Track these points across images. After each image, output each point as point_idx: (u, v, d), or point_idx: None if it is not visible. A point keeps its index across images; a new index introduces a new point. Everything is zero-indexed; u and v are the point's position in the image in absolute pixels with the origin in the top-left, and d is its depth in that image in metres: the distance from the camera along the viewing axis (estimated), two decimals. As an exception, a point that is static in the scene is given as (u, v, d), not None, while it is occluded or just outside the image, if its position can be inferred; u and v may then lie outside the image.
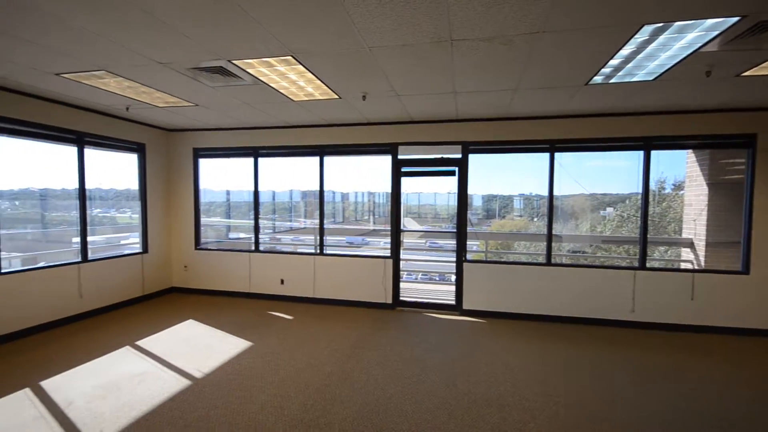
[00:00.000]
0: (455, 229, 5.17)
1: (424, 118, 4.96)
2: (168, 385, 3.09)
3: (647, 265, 4.64)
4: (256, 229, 5.85)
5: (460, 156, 5.03)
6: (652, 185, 4.69)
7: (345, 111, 4.58)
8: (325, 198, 5.63)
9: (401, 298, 5.38)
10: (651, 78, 3.30)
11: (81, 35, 2.59)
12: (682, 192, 6.93)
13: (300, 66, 3.09)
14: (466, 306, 5.06)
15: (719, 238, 4.79)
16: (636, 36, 2.49)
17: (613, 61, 2.93)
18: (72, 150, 4.65)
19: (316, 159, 5.52)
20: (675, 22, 2.30)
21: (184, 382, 3.13)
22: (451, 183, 5.23)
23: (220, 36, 2.58)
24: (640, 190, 4.65)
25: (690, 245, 5.19)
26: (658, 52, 2.76)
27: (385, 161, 5.32)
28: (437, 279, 7.70)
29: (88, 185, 4.79)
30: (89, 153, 4.80)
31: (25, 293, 4.09)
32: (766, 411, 2.85)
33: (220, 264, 5.95)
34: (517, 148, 4.95)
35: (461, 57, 2.88)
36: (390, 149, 5.26)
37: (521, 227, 9.38)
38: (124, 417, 2.63)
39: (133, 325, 4.51)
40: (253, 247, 5.87)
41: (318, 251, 5.59)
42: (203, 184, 6.11)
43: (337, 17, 2.30)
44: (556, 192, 4.81)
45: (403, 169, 5.26)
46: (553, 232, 4.83)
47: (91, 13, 2.29)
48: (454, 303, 5.21)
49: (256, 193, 5.83)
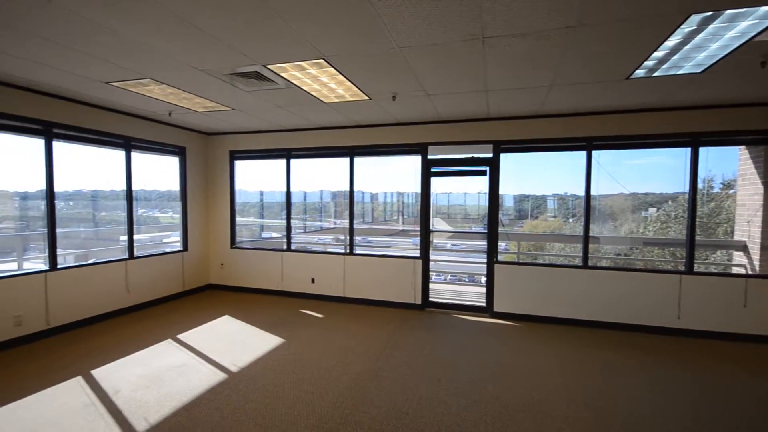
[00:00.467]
0: (486, 230, 5.08)
1: (454, 118, 4.91)
2: (206, 377, 3.23)
3: (695, 269, 4.36)
4: (288, 228, 5.99)
5: (491, 155, 4.94)
6: (700, 184, 4.40)
7: (375, 112, 4.61)
8: (355, 198, 5.69)
9: (430, 299, 5.35)
10: (699, 70, 3.10)
11: (130, 46, 2.76)
12: (733, 191, 6.46)
13: (331, 68, 3.15)
14: (497, 308, 4.96)
15: (777, 241, 4.42)
16: (683, 26, 2.35)
17: (658, 53, 2.78)
18: (120, 154, 4.96)
19: (347, 160, 5.59)
20: (726, 10, 2.16)
21: (221, 376, 3.26)
22: (481, 183, 5.15)
23: (256, 42, 2.66)
24: (687, 189, 4.38)
25: (743, 248, 4.82)
26: (707, 42, 2.59)
27: (414, 161, 5.31)
28: (467, 280, 7.59)
29: (133, 187, 5.10)
30: (135, 156, 5.11)
31: (78, 288, 4.40)
32: (832, 431, 2.60)
33: (253, 262, 6.14)
34: (551, 147, 4.79)
35: (493, 54, 2.83)
36: (419, 149, 5.24)
37: (555, 228, 9.07)
38: (166, 406, 2.78)
39: (174, 320, 4.75)
40: (285, 246, 6.03)
41: (348, 251, 5.65)
42: (238, 185, 6.34)
43: (367, 18, 2.32)
44: (593, 191, 4.61)
45: (433, 169, 5.23)
46: (591, 234, 4.64)
47: (140, 24, 2.44)
48: (484, 305, 5.12)
49: (288, 193, 5.97)
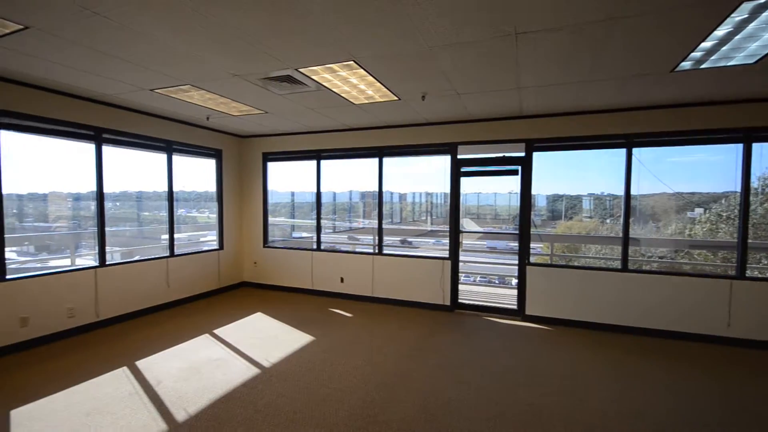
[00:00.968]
0: (517, 231, 4.95)
1: (484, 116, 4.83)
2: (240, 371, 3.35)
3: (747, 273, 4.06)
4: (318, 228, 6.10)
5: (523, 154, 4.81)
6: (754, 182, 4.09)
7: (404, 112, 4.61)
8: (384, 198, 5.71)
9: (460, 301, 5.28)
10: (752, 61, 2.89)
11: (175, 55, 2.91)
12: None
13: (361, 70, 3.18)
14: (529, 311, 4.83)
15: None
16: (733, 15, 2.20)
17: (706, 44, 2.61)
18: (162, 157, 5.23)
19: (375, 160, 5.62)
20: (786, -6, 2.00)
21: (254, 370, 3.37)
22: (512, 182, 5.03)
23: (289, 46, 2.74)
24: (738, 188, 4.09)
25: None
26: (761, 31, 2.41)
27: (443, 161, 5.27)
28: (497, 282, 7.44)
29: (174, 188, 5.36)
30: (175, 159, 5.37)
31: (124, 283, 4.68)
32: None
33: (285, 261, 6.30)
34: (588, 144, 4.61)
35: (526, 51, 2.76)
36: (449, 149, 5.19)
37: (591, 229, 8.71)
38: (203, 398, 2.90)
39: (210, 315, 4.96)
40: (315, 246, 6.14)
41: (377, 251, 5.69)
42: (270, 186, 6.52)
43: (397, 19, 2.33)
44: (633, 191, 4.40)
45: (463, 169, 5.16)
46: (630, 235, 4.43)
47: (186, 35, 2.57)
48: (515, 308, 4.99)
49: (319, 194, 6.08)
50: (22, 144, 3.82)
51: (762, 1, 2.05)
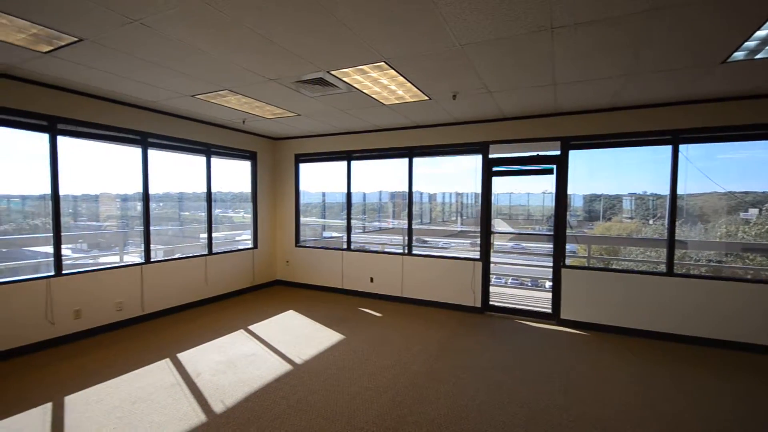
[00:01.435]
0: (551, 232, 4.79)
1: (517, 114, 4.70)
2: (273, 367, 3.44)
3: (811, 280, 3.72)
4: (348, 228, 6.17)
5: (558, 153, 4.65)
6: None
7: (434, 112, 4.58)
8: (413, 198, 5.70)
9: (491, 303, 5.18)
10: (819, 47, 2.65)
11: (215, 62, 3.05)
12: None
13: (392, 70, 3.19)
14: (564, 315, 4.66)
15: None
16: (797, -3, 2.02)
17: (761, 32, 2.42)
18: (201, 159, 5.47)
19: (405, 160, 5.61)
20: None
21: (287, 367, 3.46)
22: (547, 182, 4.88)
23: (321, 49, 2.79)
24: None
25: None
26: (832, 13, 2.20)
27: (474, 161, 5.19)
28: (529, 284, 7.24)
29: (212, 189, 5.59)
30: (213, 161, 5.60)
31: (167, 279, 4.93)
32: None
33: (316, 260, 6.42)
34: (628, 141, 4.38)
35: (563, 45, 2.67)
36: (480, 148, 5.10)
37: (632, 231, 8.28)
38: (239, 391, 3.01)
39: (245, 312, 5.13)
40: (345, 246, 6.22)
41: (406, 251, 5.68)
42: (302, 187, 6.67)
43: (429, 18, 2.32)
44: (679, 190, 4.14)
45: (495, 169, 5.05)
46: (677, 237, 4.17)
47: (226, 44, 2.68)
48: (550, 311, 4.83)
49: (349, 194, 6.15)
50: (76, 148, 4.11)
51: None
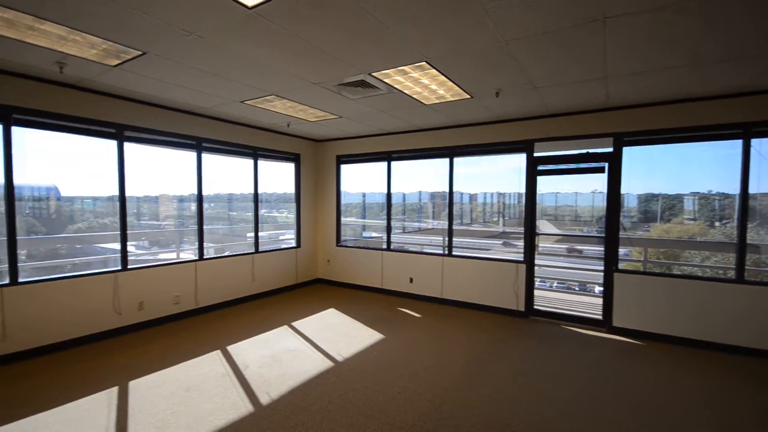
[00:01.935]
0: (602, 234, 4.53)
1: (565, 110, 4.49)
2: (315, 363, 3.54)
3: None
4: (388, 229, 6.20)
5: (611, 150, 4.38)
6: None
7: (476, 110, 4.49)
8: (453, 199, 5.62)
9: (535, 307, 4.98)
10: None
11: (264, 69, 3.20)
12: None
13: (433, 70, 3.17)
14: (616, 323, 4.38)
15: None
16: None
17: None
18: (249, 162, 5.75)
19: (446, 160, 5.55)
20: None
21: (328, 363, 3.54)
22: (597, 181, 4.62)
23: (363, 53, 2.83)
24: None
25: None
26: None
27: (518, 160, 5.02)
28: (577, 289, 6.89)
29: (258, 190, 5.85)
30: (259, 163, 5.86)
31: (218, 275, 5.23)
32: None
33: (356, 260, 6.52)
34: (691, 136, 4.04)
35: (616, 36, 2.51)
36: (524, 147, 4.92)
37: (695, 233, 7.62)
38: (284, 385, 3.12)
39: (289, 308, 5.32)
40: (384, 246, 6.25)
41: (446, 252, 5.61)
42: (343, 187, 6.80)
43: (472, 15, 2.28)
44: (752, 189, 3.75)
45: (540, 168, 4.86)
46: (748, 241, 3.78)
47: (279, 53, 2.80)
48: (600, 318, 4.56)
49: (389, 194, 6.18)
50: (139, 153, 4.47)
51: None
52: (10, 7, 2.24)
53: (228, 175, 5.87)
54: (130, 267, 4.28)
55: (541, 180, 4.91)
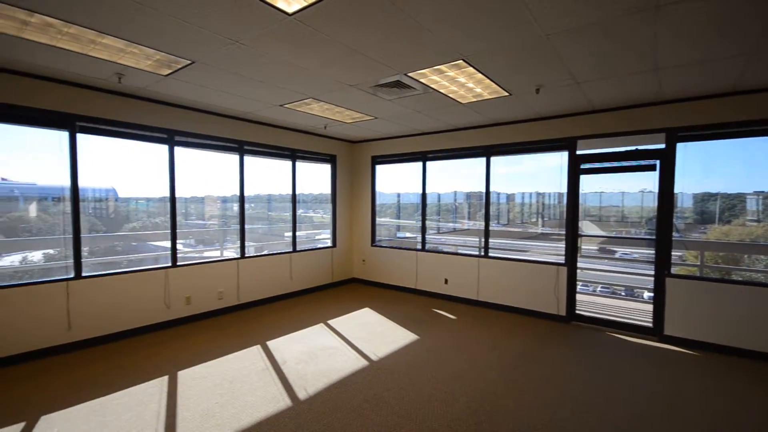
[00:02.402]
0: (652, 236, 4.25)
1: (610, 105, 4.26)
2: (350, 361, 3.58)
3: None
4: (423, 229, 6.16)
5: (663, 146, 4.11)
6: None
7: (515, 108, 4.36)
8: (490, 199, 5.49)
9: (578, 312, 4.76)
10: None
11: (303, 74, 3.29)
12: None
13: (470, 68, 3.11)
14: (668, 331, 4.10)
15: None
16: None
17: None
18: (287, 163, 5.92)
19: (482, 160, 5.43)
20: None
21: (363, 362, 3.57)
22: (646, 180, 4.34)
23: (399, 53, 2.84)
24: None
25: None
26: None
27: (558, 158, 4.82)
28: (623, 294, 6.51)
29: (296, 191, 6.01)
30: (297, 165, 6.02)
31: (258, 273, 5.43)
32: None
33: (391, 260, 6.53)
34: (753, 131, 3.70)
35: (669, 24, 2.35)
36: (566, 144, 4.72)
37: (759, 236, 6.96)
38: (320, 381, 3.19)
39: (325, 307, 5.42)
40: (419, 247, 6.22)
41: (482, 253, 5.49)
42: (377, 188, 6.84)
43: (510, 9, 2.22)
44: (829, 188, 3.38)
45: (583, 166, 4.64)
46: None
47: (316, 58, 2.88)
48: (650, 325, 4.28)
49: (424, 195, 6.15)
50: (186, 156, 4.73)
51: None
52: (75, 23, 2.45)
53: (267, 176, 6.08)
54: (178, 264, 4.54)
55: (584, 179, 4.69)
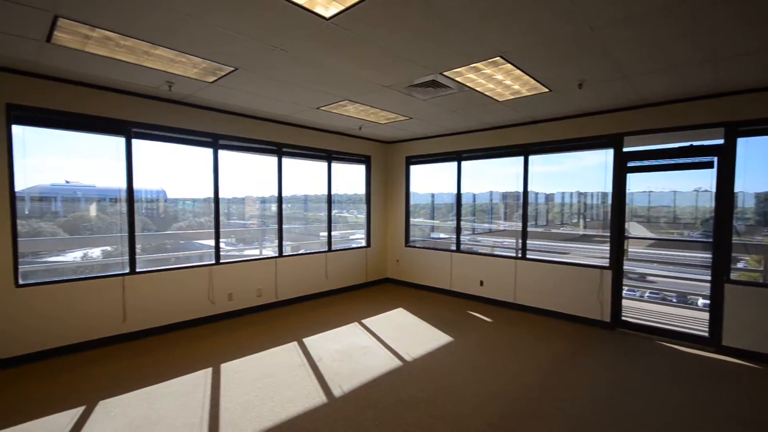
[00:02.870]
0: (709, 239, 3.94)
1: (661, 99, 4.00)
2: (384, 361, 3.60)
3: None
4: (458, 230, 6.08)
5: (721, 141, 3.80)
6: None
7: (555, 104, 4.20)
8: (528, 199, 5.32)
9: (623, 318, 4.51)
10: None
11: (340, 77, 3.36)
12: None
13: (507, 65, 3.04)
14: (726, 342, 3.78)
15: None
16: None
17: None
18: (323, 165, 6.05)
19: (519, 159, 5.28)
20: None
21: (396, 362, 3.58)
22: (701, 178, 4.04)
23: (434, 52, 2.82)
24: None
25: None
26: None
27: (602, 156, 4.59)
28: (674, 300, 6.08)
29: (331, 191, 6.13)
30: (333, 166, 6.13)
31: (295, 272, 5.59)
32: None
33: (425, 261, 6.49)
34: (832, 123, 3.35)
35: (727, 9, 2.18)
36: (611, 141, 4.48)
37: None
38: (355, 379, 3.23)
39: (359, 306, 5.48)
40: (454, 247, 6.14)
41: (520, 255, 5.33)
42: (412, 188, 6.82)
43: (551, 1, 2.14)
44: None
45: (630, 164, 4.39)
46: None
47: (354, 61, 2.93)
48: (706, 335, 3.98)
49: (459, 195, 6.06)
50: (228, 159, 4.94)
51: None
52: (130, 36, 2.63)
53: (303, 177, 6.23)
54: (222, 261, 4.76)
55: (630, 178, 4.43)
